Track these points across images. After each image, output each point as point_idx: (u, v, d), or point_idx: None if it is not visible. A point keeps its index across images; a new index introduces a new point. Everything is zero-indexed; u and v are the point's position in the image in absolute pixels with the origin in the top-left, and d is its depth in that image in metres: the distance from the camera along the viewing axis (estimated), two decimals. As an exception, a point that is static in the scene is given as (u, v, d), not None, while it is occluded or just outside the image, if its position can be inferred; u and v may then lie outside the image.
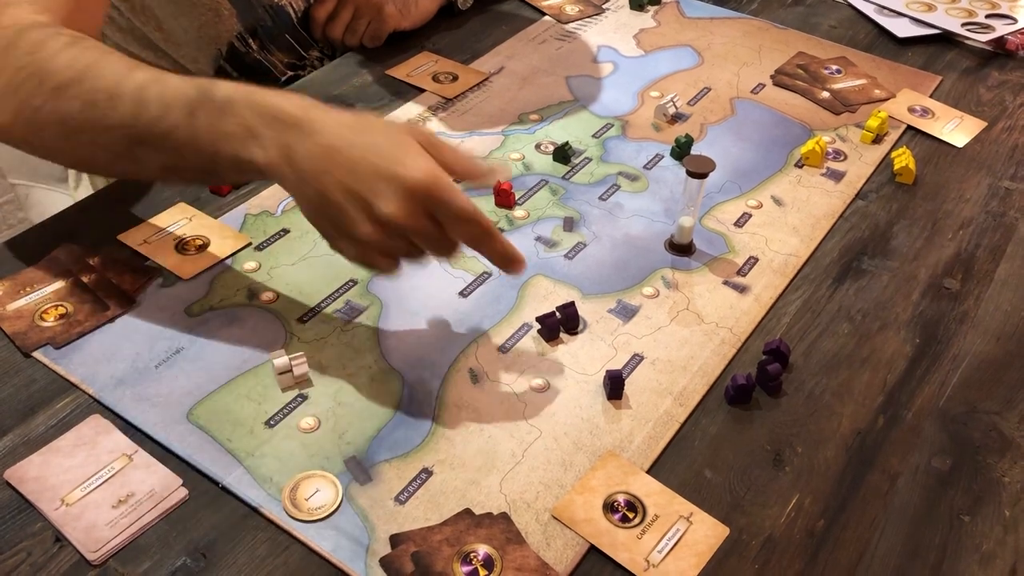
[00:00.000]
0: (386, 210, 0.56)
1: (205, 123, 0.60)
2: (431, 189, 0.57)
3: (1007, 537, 0.59)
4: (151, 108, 0.61)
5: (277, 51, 1.01)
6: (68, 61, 0.64)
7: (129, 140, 0.63)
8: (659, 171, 0.88)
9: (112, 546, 0.55)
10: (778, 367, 0.67)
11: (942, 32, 1.15)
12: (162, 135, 0.61)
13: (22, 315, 0.69)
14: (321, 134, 0.58)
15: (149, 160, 0.63)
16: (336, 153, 0.58)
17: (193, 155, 0.61)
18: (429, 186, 0.57)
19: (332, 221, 0.59)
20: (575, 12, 1.15)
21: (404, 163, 0.57)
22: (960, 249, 0.82)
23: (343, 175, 0.57)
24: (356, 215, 0.57)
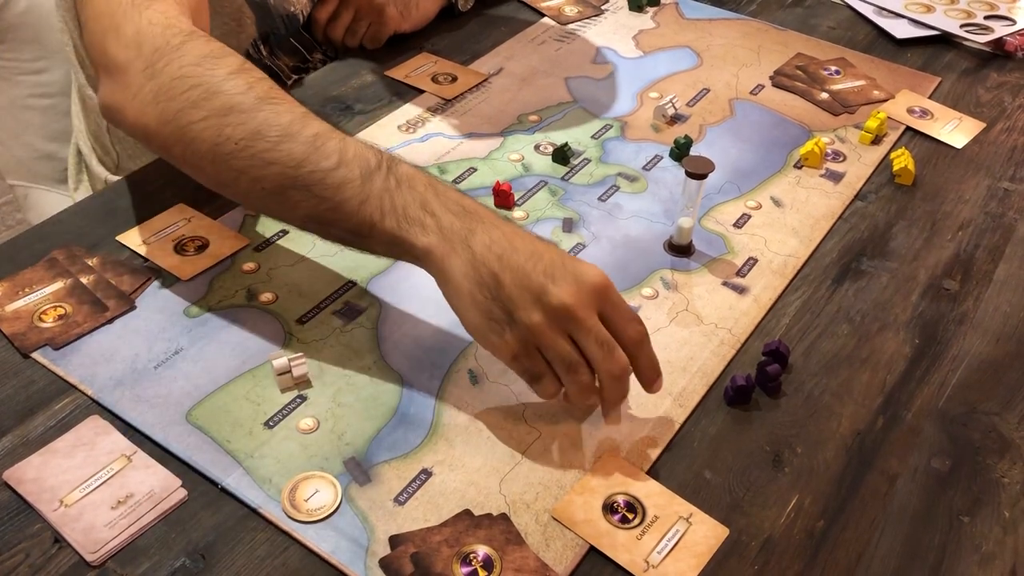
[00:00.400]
0: (561, 295, 0.57)
1: (379, 190, 0.60)
2: (607, 286, 0.59)
3: (1006, 538, 0.59)
4: (326, 159, 0.60)
5: (284, 55, 1.01)
6: (241, 87, 0.62)
7: (288, 181, 0.61)
8: (658, 172, 0.88)
9: (111, 547, 0.55)
10: (777, 368, 0.67)
11: (941, 33, 1.15)
12: (327, 186, 0.60)
13: (21, 316, 0.69)
14: (502, 228, 0.60)
15: (300, 205, 0.62)
16: (518, 243, 0.59)
17: (351, 216, 0.60)
18: (605, 283, 0.58)
19: (502, 306, 0.58)
20: (574, 13, 1.15)
21: (582, 264, 0.59)
22: (959, 250, 0.82)
23: (523, 261, 0.58)
24: (529, 300, 0.57)
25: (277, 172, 0.61)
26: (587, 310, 0.58)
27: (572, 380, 0.59)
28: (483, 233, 0.59)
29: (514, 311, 0.58)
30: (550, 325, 0.57)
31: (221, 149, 0.62)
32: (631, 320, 0.60)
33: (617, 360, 0.59)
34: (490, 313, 0.58)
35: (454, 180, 0.85)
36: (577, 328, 0.58)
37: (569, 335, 0.58)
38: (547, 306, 0.57)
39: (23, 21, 1.05)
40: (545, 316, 0.57)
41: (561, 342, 0.58)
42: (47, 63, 1.09)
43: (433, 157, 0.88)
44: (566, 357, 0.58)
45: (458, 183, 0.85)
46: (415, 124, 0.93)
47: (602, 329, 0.58)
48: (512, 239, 0.59)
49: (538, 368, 0.59)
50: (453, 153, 0.89)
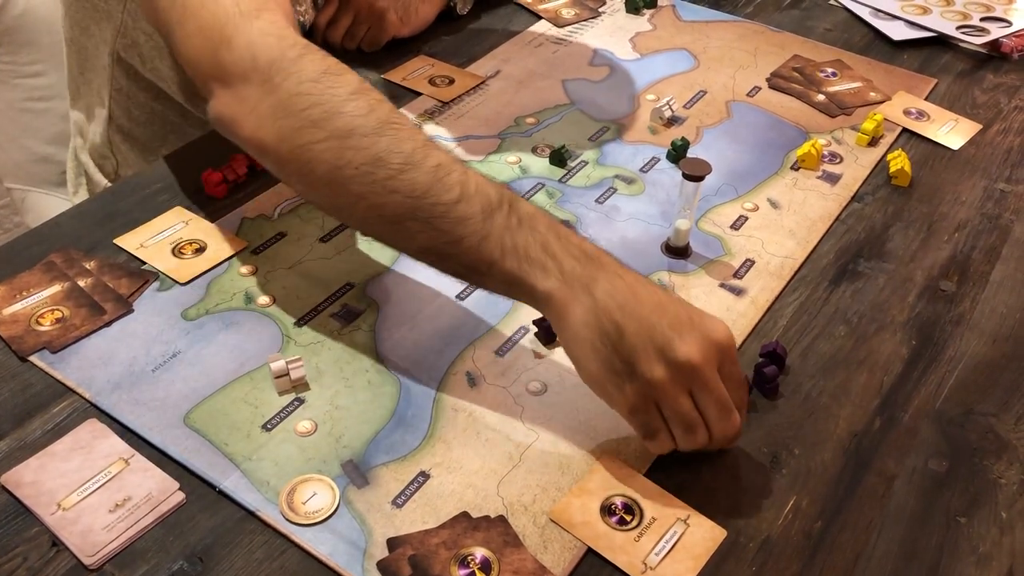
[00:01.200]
0: (688, 352, 0.55)
1: (500, 228, 0.59)
2: (731, 344, 0.58)
3: (1003, 539, 0.59)
4: (449, 192, 0.59)
5: None
6: (363, 109, 0.61)
7: (407, 211, 0.60)
8: (655, 174, 0.89)
9: (109, 550, 0.55)
10: (775, 369, 0.67)
11: (937, 35, 1.15)
12: (448, 220, 0.59)
13: (18, 319, 0.69)
14: (626, 277, 0.59)
15: (418, 236, 0.60)
16: (643, 293, 0.58)
17: (470, 252, 0.59)
18: (731, 341, 0.58)
19: (624, 358, 0.56)
20: (571, 16, 1.15)
21: (708, 318, 0.58)
22: (956, 251, 0.82)
23: (648, 312, 0.56)
24: (652, 354, 0.56)
25: (398, 201, 0.60)
26: (711, 369, 0.57)
27: (688, 440, 0.58)
28: (606, 281, 0.58)
29: (636, 364, 0.56)
30: (673, 381, 0.56)
31: (341, 173, 0.60)
32: (741, 384, 0.60)
33: (733, 423, 0.58)
34: (610, 364, 0.57)
35: (451, 182, 0.85)
36: (700, 387, 0.57)
37: (690, 392, 0.57)
38: (672, 362, 0.56)
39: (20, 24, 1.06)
40: (668, 372, 0.56)
41: (683, 400, 0.57)
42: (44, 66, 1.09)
43: (430, 160, 0.88)
44: (686, 417, 0.57)
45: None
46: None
47: (723, 390, 0.57)
48: (636, 288, 0.58)
49: (656, 424, 0.58)
50: (450, 155, 0.89)
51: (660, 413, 0.58)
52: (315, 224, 0.79)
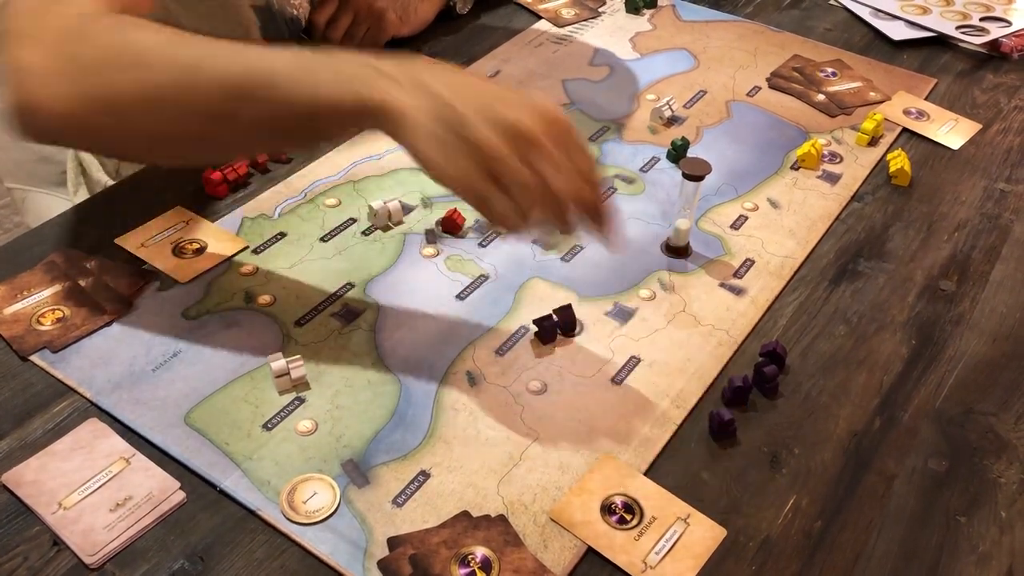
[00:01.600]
0: (515, 114, 0.56)
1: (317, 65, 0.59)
2: (557, 115, 0.58)
3: (1003, 538, 0.59)
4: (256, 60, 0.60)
5: None
6: (153, 37, 0.62)
7: (225, 94, 0.60)
8: (655, 174, 0.89)
9: (109, 550, 0.55)
10: (775, 369, 0.67)
11: (937, 35, 1.15)
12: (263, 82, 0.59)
13: (19, 319, 0.69)
14: (446, 67, 0.60)
15: (243, 114, 0.60)
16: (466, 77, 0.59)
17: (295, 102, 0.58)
18: (556, 112, 0.58)
19: (454, 128, 0.56)
20: (571, 16, 1.15)
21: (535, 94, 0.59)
22: (956, 251, 0.82)
23: (480, 89, 0.58)
24: (483, 120, 0.56)
25: (215, 90, 0.60)
26: (542, 134, 0.57)
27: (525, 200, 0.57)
28: (429, 73, 0.58)
29: (469, 133, 0.56)
30: (505, 144, 0.56)
31: (150, 95, 0.61)
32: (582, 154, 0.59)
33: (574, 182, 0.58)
34: (442, 139, 0.56)
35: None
36: (534, 152, 0.56)
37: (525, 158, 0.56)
38: (500, 124, 0.56)
39: (21, 24, 1.05)
40: (499, 135, 0.56)
41: (518, 167, 0.56)
42: (45, 66, 1.09)
43: (431, 159, 0.88)
44: (522, 177, 0.56)
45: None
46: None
47: (557, 152, 0.57)
48: (459, 74, 0.60)
49: (490, 194, 0.57)
50: (451, 155, 0.89)
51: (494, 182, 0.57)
52: (315, 224, 0.79)
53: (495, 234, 0.60)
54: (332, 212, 0.81)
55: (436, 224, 0.80)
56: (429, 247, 0.78)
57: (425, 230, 0.80)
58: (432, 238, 0.79)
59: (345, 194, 0.83)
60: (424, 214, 0.81)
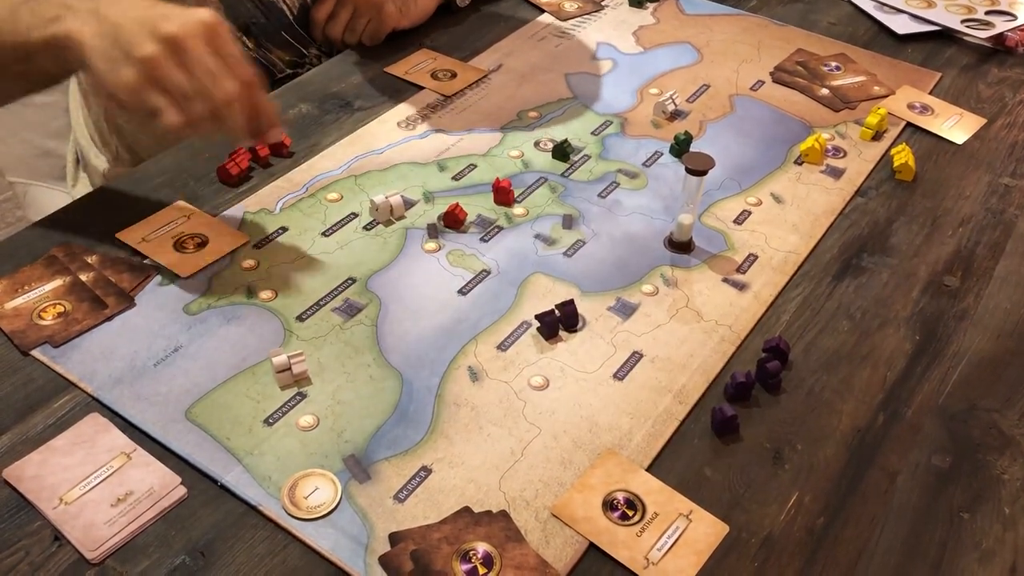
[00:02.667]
0: (169, 27, 0.63)
1: (26, 15, 0.66)
2: (215, 25, 0.65)
3: (1006, 534, 0.59)
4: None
5: (276, 49, 1.01)
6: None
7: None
8: (658, 168, 0.88)
9: (111, 545, 0.55)
10: (778, 364, 0.67)
11: (942, 29, 1.15)
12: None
13: (20, 313, 0.68)
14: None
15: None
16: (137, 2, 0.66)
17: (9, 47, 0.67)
18: (214, 22, 0.65)
19: (121, 47, 0.63)
20: (574, 9, 1.14)
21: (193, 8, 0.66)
22: (960, 246, 0.82)
23: (141, 9, 0.65)
24: (143, 35, 0.63)
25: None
26: (197, 42, 0.64)
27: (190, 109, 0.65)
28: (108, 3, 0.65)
29: (131, 49, 0.63)
30: (164, 56, 0.63)
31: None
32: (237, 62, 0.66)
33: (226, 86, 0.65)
34: (110, 56, 0.64)
35: (453, 176, 0.85)
36: (189, 59, 0.64)
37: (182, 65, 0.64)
38: (159, 37, 0.63)
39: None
40: (158, 47, 0.63)
41: (176, 72, 0.64)
42: (46, 60, 1.09)
43: (433, 154, 0.88)
44: (181, 85, 0.64)
45: (458, 180, 0.85)
46: (415, 121, 0.93)
47: (210, 60, 0.64)
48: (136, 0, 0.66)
49: (155, 101, 0.64)
50: (453, 150, 0.89)
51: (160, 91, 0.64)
52: (317, 218, 0.79)
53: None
54: (333, 207, 0.81)
55: (438, 219, 0.80)
56: (431, 242, 0.78)
57: (427, 225, 0.79)
58: (434, 233, 0.79)
59: (347, 188, 0.83)
60: (426, 209, 0.81)
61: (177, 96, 0.64)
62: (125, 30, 0.63)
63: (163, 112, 0.64)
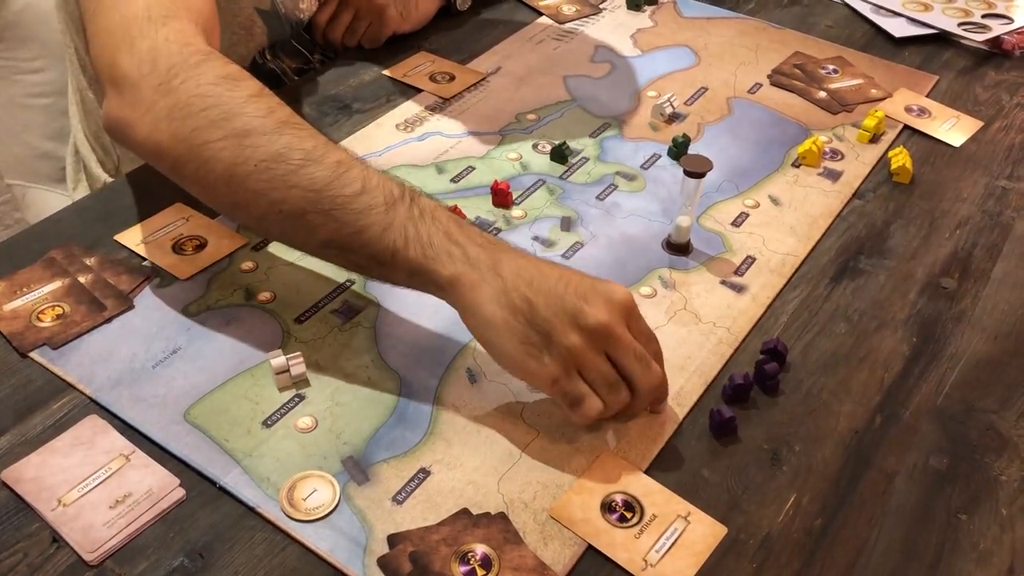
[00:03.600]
0: (598, 315, 0.58)
1: (402, 218, 0.60)
2: (633, 303, 0.60)
3: (1004, 536, 0.59)
4: (350, 184, 0.60)
5: (286, 57, 1.01)
6: (263, 110, 0.62)
7: (308, 205, 0.60)
8: (656, 171, 0.88)
9: (109, 547, 0.55)
10: (775, 366, 0.67)
11: (939, 32, 1.15)
12: (351, 212, 0.60)
13: (19, 315, 0.68)
14: (527, 257, 0.61)
15: (320, 230, 0.61)
16: (545, 268, 0.60)
17: (373, 243, 0.60)
18: (632, 301, 0.60)
19: (538, 330, 0.58)
20: (572, 12, 1.15)
21: (609, 283, 0.61)
22: (957, 248, 0.82)
23: (554, 284, 0.59)
24: (566, 322, 0.58)
25: (298, 196, 0.60)
26: (622, 327, 0.59)
27: (615, 399, 0.60)
28: (510, 261, 0.59)
29: (551, 334, 0.58)
30: (589, 345, 0.58)
31: (239, 170, 0.61)
32: (651, 339, 0.62)
33: (655, 372, 0.60)
34: (527, 339, 0.58)
35: (452, 179, 0.85)
36: (615, 346, 0.59)
37: (606, 354, 0.59)
38: (585, 327, 0.58)
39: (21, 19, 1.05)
40: (583, 337, 0.58)
41: (602, 361, 0.59)
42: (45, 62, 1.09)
43: (431, 156, 0.88)
44: (608, 376, 0.59)
45: (456, 182, 0.85)
46: (413, 123, 0.93)
47: (637, 344, 0.60)
48: (539, 266, 0.60)
49: (580, 390, 0.59)
50: (451, 152, 0.89)
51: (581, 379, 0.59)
52: (316, 220, 0.79)
53: None
54: (332, 209, 0.81)
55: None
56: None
57: (425, 227, 0.79)
58: (432, 235, 0.79)
59: (345, 191, 0.83)
60: (424, 211, 0.81)
61: (600, 386, 0.59)
62: (543, 312, 0.58)
63: (584, 402, 0.59)
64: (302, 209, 0.61)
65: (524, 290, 0.58)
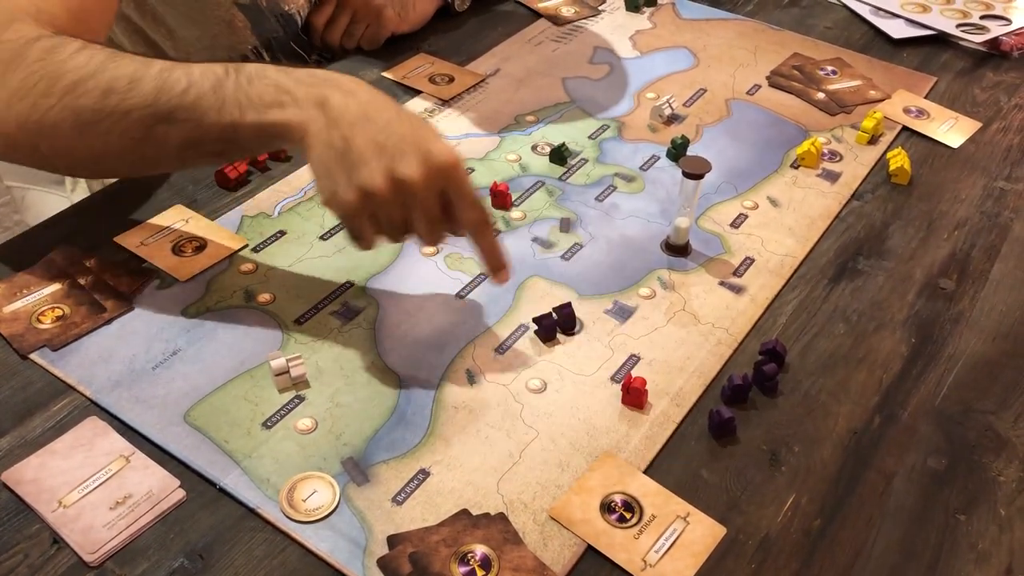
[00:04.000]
0: (407, 171, 0.59)
1: (232, 91, 0.62)
2: (454, 168, 0.61)
3: (1002, 536, 0.59)
4: (176, 84, 0.63)
5: (285, 59, 1.01)
6: (83, 60, 0.64)
7: (150, 119, 0.63)
8: (655, 172, 0.89)
9: (110, 548, 0.55)
10: (774, 367, 0.67)
11: (937, 33, 1.15)
12: (186, 107, 0.62)
13: (19, 317, 0.69)
14: (357, 96, 0.62)
15: (169, 138, 0.64)
16: (373, 112, 0.61)
17: (214, 125, 0.62)
18: (453, 165, 0.61)
19: (348, 168, 0.60)
20: (571, 14, 1.15)
21: (434, 141, 0.61)
22: (955, 249, 0.82)
23: (376, 131, 0.60)
24: (376, 167, 0.59)
25: (138, 116, 0.63)
26: (428, 189, 0.60)
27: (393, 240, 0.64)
28: (338, 99, 0.61)
29: (357, 176, 0.60)
30: (390, 194, 0.60)
31: (81, 120, 0.64)
32: (472, 205, 0.62)
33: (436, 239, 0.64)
34: (332, 172, 0.61)
35: (451, 180, 0.85)
36: (414, 203, 0.61)
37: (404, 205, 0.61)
38: (392, 178, 0.59)
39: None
40: (387, 186, 0.60)
41: (396, 212, 0.61)
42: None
43: (430, 158, 0.88)
44: (396, 225, 0.62)
45: (455, 183, 0.85)
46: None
47: (435, 210, 0.62)
48: (367, 109, 0.61)
49: (365, 231, 0.63)
50: (450, 153, 0.89)
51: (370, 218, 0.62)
52: (315, 222, 0.79)
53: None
54: (332, 210, 0.81)
55: (436, 222, 0.80)
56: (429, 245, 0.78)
57: (425, 228, 0.79)
58: (432, 236, 0.79)
59: (345, 192, 0.83)
60: (424, 212, 0.81)
61: (385, 229, 0.63)
62: (356, 151, 0.60)
63: (362, 240, 0.64)
64: (147, 127, 0.63)
65: (344, 129, 0.60)
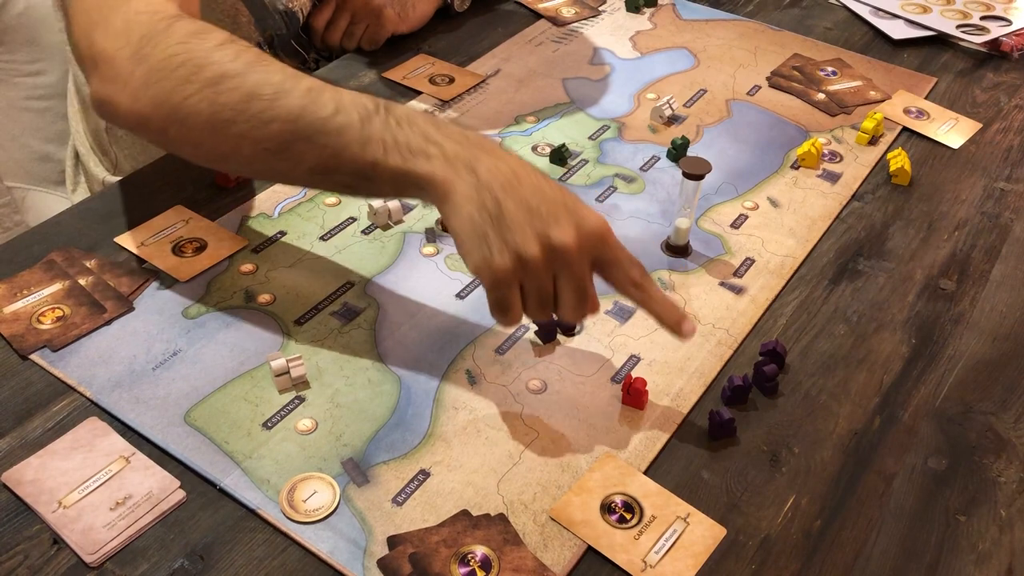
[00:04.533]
0: (561, 236, 0.57)
1: (380, 129, 0.60)
2: (607, 232, 0.60)
3: (1003, 537, 0.59)
4: (324, 107, 0.61)
5: (286, 57, 1.01)
6: (230, 55, 0.63)
7: (289, 135, 0.61)
8: (655, 173, 0.89)
9: (110, 548, 0.55)
10: (774, 368, 0.67)
11: (937, 34, 1.15)
12: (329, 133, 0.60)
13: (19, 318, 0.69)
14: (507, 160, 0.60)
15: (304, 157, 0.62)
16: (524, 176, 0.59)
17: (355, 159, 0.60)
18: (606, 230, 0.60)
19: (502, 232, 0.57)
20: (571, 14, 1.15)
21: (584, 207, 0.60)
22: (956, 250, 0.82)
23: (529, 194, 0.58)
24: (530, 231, 0.57)
25: (278, 129, 0.61)
26: (582, 254, 0.58)
27: (536, 316, 0.61)
28: (488, 161, 0.59)
29: (512, 240, 0.57)
30: (543, 262, 0.58)
31: (218, 117, 0.62)
32: (632, 263, 0.61)
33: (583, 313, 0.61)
34: (485, 236, 0.58)
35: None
36: (566, 272, 0.59)
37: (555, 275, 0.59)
38: (547, 244, 0.57)
39: (20, 23, 1.06)
40: (542, 252, 0.57)
41: (546, 281, 0.59)
42: (44, 65, 1.09)
43: (431, 158, 0.88)
44: (545, 297, 0.60)
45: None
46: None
47: (586, 279, 0.60)
48: (518, 171, 0.59)
49: (512, 300, 0.59)
50: (451, 154, 0.89)
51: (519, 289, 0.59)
52: (315, 223, 0.79)
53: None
54: (332, 211, 0.81)
55: (436, 223, 0.80)
56: (429, 246, 0.78)
57: (425, 229, 0.80)
58: (432, 237, 0.79)
59: (345, 193, 0.83)
60: (424, 213, 0.81)
61: (532, 299, 0.60)
62: (510, 217, 0.57)
63: (511, 312, 0.60)
64: (285, 141, 0.61)
65: (496, 192, 0.58)
